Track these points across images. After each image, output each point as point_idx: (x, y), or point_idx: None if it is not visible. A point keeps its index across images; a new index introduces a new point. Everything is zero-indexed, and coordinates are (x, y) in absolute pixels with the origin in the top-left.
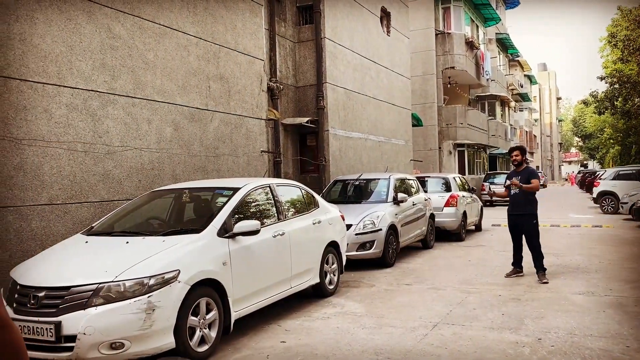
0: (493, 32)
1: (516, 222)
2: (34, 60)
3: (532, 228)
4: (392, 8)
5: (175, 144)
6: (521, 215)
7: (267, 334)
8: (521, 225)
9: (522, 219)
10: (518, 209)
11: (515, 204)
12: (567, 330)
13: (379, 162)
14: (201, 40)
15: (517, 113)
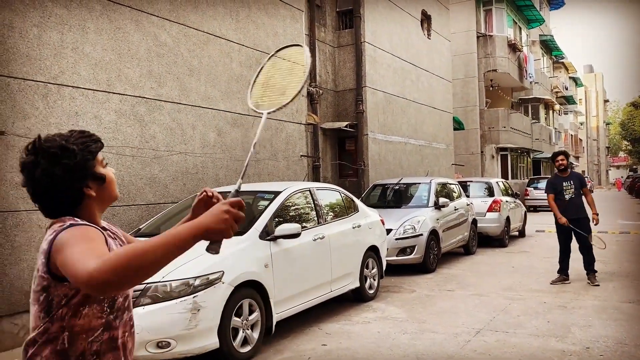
0: (537, 34)
1: (574, 226)
2: (85, 68)
3: (590, 232)
4: (433, 11)
5: (219, 149)
6: (582, 219)
7: (307, 337)
8: (582, 228)
9: (581, 223)
10: (578, 213)
11: (573, 208)
12: (616, 340)
13: (419, 167)
14: (243, 47)
15: (561, 116)
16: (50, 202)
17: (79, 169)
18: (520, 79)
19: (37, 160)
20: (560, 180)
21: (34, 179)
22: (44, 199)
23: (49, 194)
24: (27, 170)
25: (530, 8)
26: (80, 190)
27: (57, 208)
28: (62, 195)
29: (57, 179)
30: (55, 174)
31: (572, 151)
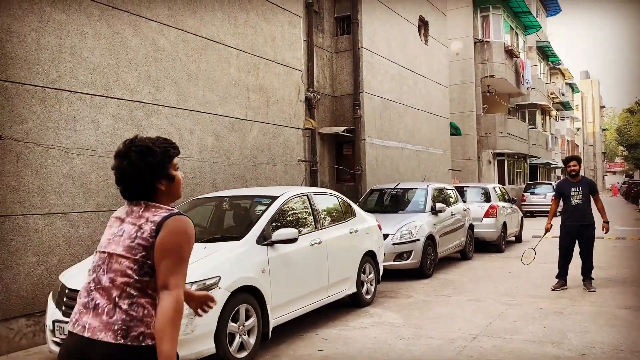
0: (533, 40)
1: (578, 232)
2: (83, 73)
3: (593, 239)
4: (430, 17)
5: (216, 153)
6: (587, 225)
7: (304, 342)
8: (582, 235)
9: (586, 230)
10: (584, 220)
11: (580, 215)
12: (612, 346)
13: (417, 172)
14: (241, 52)
15: (558, 122)
16: (129, 188)
17: (157, 167)
18: (517, 84)
19: (129, 153)
20: (569, 185)
21: (123, 167)
22: (125, 184)
23: (131, 182)
24: (119, 159)
25: (527, 14)
26: (154, 184)
27: (134, 194)
28: (140, 185)
29: (139, 171)
30: (140, 167)
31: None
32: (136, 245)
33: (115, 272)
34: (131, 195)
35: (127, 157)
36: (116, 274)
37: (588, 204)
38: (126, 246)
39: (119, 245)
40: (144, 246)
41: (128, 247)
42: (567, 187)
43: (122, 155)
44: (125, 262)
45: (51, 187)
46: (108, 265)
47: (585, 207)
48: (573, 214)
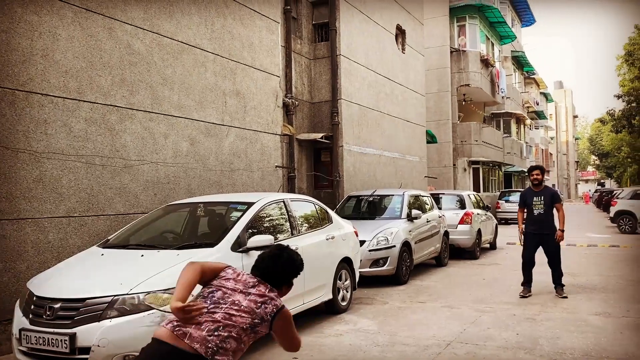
0: (509, 50)
1: (540, 240)
2: (55, 76)
3: (558, 247)
4: (407, 26)
5: (191, 159)
6: (548, 234)
7: (278, 350)
8: (544, 243)
9: (548, 238)
10: (544, 229)
11: (541, 223)
12: (582, 352)
13: (393, 179)
14: (218, 57)
15: (532, 131)
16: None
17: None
18: (492, 93)
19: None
20: (531, 194)
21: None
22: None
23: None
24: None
25: (503, 24)
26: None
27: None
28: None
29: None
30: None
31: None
32: (258, 312)
33: (231, 316)
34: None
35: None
36: (230, 318)
37: (550, 213)
38: (249, 307)
39: (244, 300)
40: (261, 316)
41: (251, 309)
42: (529, 196)
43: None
44: (245, 316)
45: (20, 192)
46: (228, 307)
47: (547, 217)
48: (534, 222)
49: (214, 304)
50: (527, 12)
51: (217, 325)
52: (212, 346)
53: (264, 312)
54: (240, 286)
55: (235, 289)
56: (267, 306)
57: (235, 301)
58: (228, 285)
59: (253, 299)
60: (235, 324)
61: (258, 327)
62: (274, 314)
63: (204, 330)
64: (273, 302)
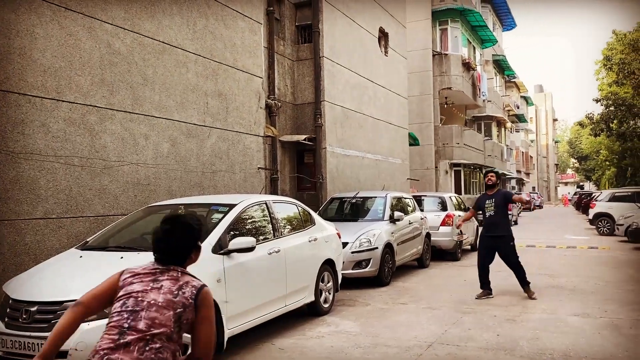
0: (490, 54)
1: (494, 243)
2: (32, 75)
3: (512, 249)
4: (390, 29)
5: (172, 160)
6: (500, 236)
7: (260, 353)
8: (498, 247)
9: (500, 241)
10: (496, 231)
11: (492, 226)
12: (562, 352)
13: (376, 181)
14: (200, 57)
15: (513, 134)
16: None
17: (194, 240)
18: (473, 97)
19: (174, 230)
20: (484, 197)
21: (169, 241)
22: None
23: (175, 252)
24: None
25: (484, 28)
26: (190, 253)
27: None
28: (181, 255)
29: (183, 244)
30: (184, 241)
31: (523, 168)
32: (178, 301)
33: (154, 320)
34: (169, 261)
35: (173, 233)
36: (154, 321)
37: (502, 215)
38: (168, 300)
39: (159, 295)
40: (182, 303)
41: (170, 301)
42: (482, 200)
43: (168, 231)
44: (168, 313)
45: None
46: (147, 311)
47: (499, 219)
48: (487, 225)
49: (130, 314)
50: (508, 16)
51: (145, 338)
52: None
53: (183, 298)
54: (148, 282)
55: (145, 288)
56: (184, 290)
57: (151, 301)
58: (136, 288)
59: (167, 288)
60: (163, 327)
61: (183, 316)
62: (195, 295)
63: (134, 351)
64: (190, 284)
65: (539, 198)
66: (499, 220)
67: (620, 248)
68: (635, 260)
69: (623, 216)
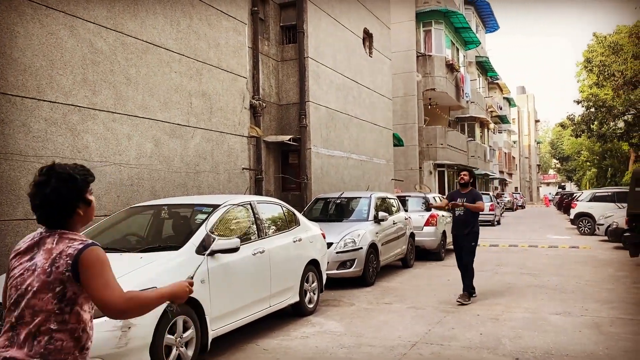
0: (473, 55)
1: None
2: (12, 74)
3: (471, 248)
4: (375, 30)
5: (155, 160)
6: (465, 235)
7: (245, 354)
8: (461, 244)
9: (464, 239)
10: (463, 229)
11: (459, 224)
12: (544, 350)
13: (361, 181)
14: (184, 57)
15: (496, 135)
16: (50, 213)
17: (78, 193)
18: (457, 98)
19: (49, 180)
20: (457, 195)
21: (44, 193)
22: (46, 210)
23: (52, 207)
24: (40, 186)
25: (467, 30)
26: (74, 209)
27: (53, 219)
28: (62, 210)
29: (61, 197)
30: (61, 193)
31: (506, 168)
32: (53, 280)
33: (34, 307)
34: (49, 221)
35: (48, 184)
36: (34, 309)
37: (471, 214)
38: (43, 281)
39: (34, 280)
40: (60, 279)
41: (45, 282)
42: (455, 197)
43: (42, 182)
44: (44, 297)
45: None
46: (27, 299)
47: (467, 217)
48: (456, 223)
49: (15, 305)
50: (491, 18)
51: (32, 331)
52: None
53: (58, 273)
54: (25, 264)
55: (22, 273)
56: (58, 264)
57: (28, 288)
58: (16, 274)
59: (41, 268)
60: (45, 312)
61: (67, 293)
62: (72, 265)
63: (25, 346)
64: (65, 253)
65: (521, 198)
66: (467, 219)
67: (600, 247)
68: (615, 259)
69: (603, 216)
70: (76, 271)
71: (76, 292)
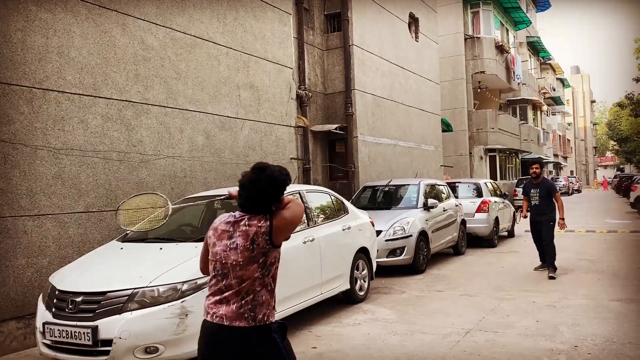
0: (524, 36)
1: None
2: (70, 73)
3: (550, 228)
4: (421, 14)
5: (207, 152)
6: (541, 221)
7: (298, 340)
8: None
9: (541, 225)
10: (540, 216)
11: (535, 212)
12: (604, 338)
13: (409, 168)
14: (231, 50)
15: (549, 117)
16: (252, 207)
17: (277, 195)
18: (508, 80)
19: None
20: (530, 186)
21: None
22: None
23: (254, 202)
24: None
25: (517, 10)
26: (270, 204)
27: (258, 210)
28: (262, 206)
29: (265, 195)
30: (267, 192)
31: (560, 151)
32: (256, 255)
33: (241, 276)
34: (254, 211)
35: (258, 182)
36: (242, 277)
37: (546, 203)
38: (246, 257)
39: (237, 255)
40: (263, 252)
41: (249, 257)
42: (528, 188)
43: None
44: (250, 267)
45: (40, 189)
46: (233, 272)
47: (543, 207)
48: (532, 211)
49: (222, 277)
50: None
51: (240, 292)
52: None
53: (260, 249)
54: (226, 243)
55: (224, 250)
56: (257, 242)
57: (233, 262)
58: (218, 251)
59: (242, 246)
60: (251, 279)
61: (269, 260)
62: (269, 238)
63: (233, 304)
64: (260, 232)
65: (577, 182)
66: (542, 208)
67: None
68: None
69: None
70: (272, 238)
71: (276, 256)
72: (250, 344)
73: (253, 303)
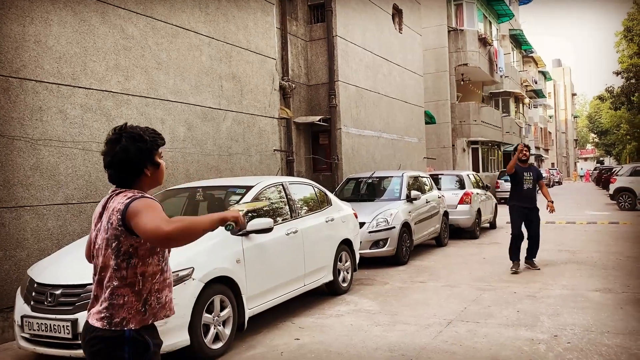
0: (506, 28)
1: (528, 214)
2: (48, 62)
3: (539, 220)
4: (404, 5)
5: (189, 143)
6: (533, 208)
7: (281, 331)
8: (530, 218)
9: (533, 213)
10: (530, 203)
11: (527, 198)
12: (583, 327)
13: (392, 160)
14: (213, 40)
15: (531, 109)
16: (118, 172)
17: (146, 153)
18: (490, 73)
19: (120, 139)
20: (521, 169)
21: (114, 152)
22: (115, 168)
23: (120, 165)
24: (110, 144)
25: (500, 2)
26: (142, 169)
27: (121, 177)
28: (129, 168)
29: (129, 155)
30: (130, 151)
31: (542, 144)
32: (110, 236)
33: (100, 264)
34: (118, 180)
35: (119, 142)
36: (101, 266)
37: (535, 189)
38: (104, 239)
39: (100, 237)
40: (115, 235)
41: (105, 239)
42: (520, 171)
43: (113, 140)
44: (106, 252)
45: (17, 180)
46: (96, 259)
47: (533, 192)
48: (523, 197)
49: (94, 266)
50: None
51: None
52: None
53: (113, 230)
54: (97, 224)
55: (96, 234)
56: (111, 220)
57: (97, 247)
58: (93, 235)
59: (104, 226)
60: (108, 268)
61: (122, 247)
62: (121, 219)
63: (100, 303)
64: (116, 209)
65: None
66: (533, 193)
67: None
68: None
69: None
70: (125, 223)
71: (131, 244)
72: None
73: (110, 301)
